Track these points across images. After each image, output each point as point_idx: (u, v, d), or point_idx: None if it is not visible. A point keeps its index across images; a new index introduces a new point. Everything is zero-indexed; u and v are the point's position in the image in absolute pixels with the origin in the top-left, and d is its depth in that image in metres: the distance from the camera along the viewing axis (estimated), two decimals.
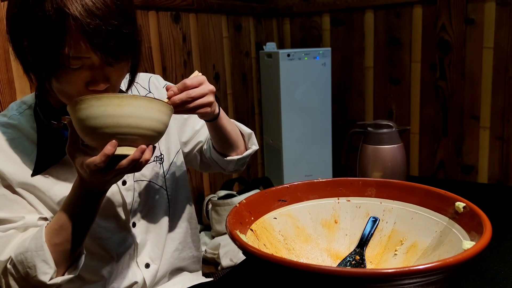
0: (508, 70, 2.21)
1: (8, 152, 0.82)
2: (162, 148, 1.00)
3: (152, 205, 0.97)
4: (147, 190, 0.96)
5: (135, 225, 0.94)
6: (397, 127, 1.14)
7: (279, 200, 0.79)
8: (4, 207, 0.81)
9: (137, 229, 0.94)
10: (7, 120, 0.85)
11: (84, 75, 0.73)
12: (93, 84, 0.74)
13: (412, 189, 0.77)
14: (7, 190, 0.81)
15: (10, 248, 0.78)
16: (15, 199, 0.82)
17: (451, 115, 2.40)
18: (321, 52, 2.54)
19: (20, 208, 0.82)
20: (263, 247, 0.71)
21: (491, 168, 2.34)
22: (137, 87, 1.01)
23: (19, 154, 0.82)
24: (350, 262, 0.75)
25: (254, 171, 2.87)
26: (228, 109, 2.57)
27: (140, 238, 0.94)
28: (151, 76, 1.05)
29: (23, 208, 0.82)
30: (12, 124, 0.84)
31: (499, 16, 2.19)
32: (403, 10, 2.47)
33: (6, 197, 0.81)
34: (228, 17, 2.52)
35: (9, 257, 0.77)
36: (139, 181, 0.95)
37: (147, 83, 1.03)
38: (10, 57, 1.49)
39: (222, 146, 1.01)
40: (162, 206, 0.99)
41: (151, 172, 0.97)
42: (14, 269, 0.77)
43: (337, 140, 2.75)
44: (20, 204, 0.82)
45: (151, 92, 1.02)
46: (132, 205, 0.93)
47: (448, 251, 0.65)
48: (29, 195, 0.83)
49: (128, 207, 0.92)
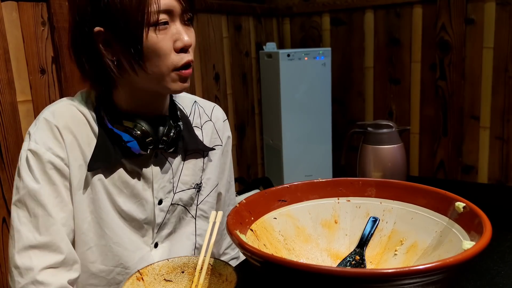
0: (508, 70, 2.21)
1: (76, 133, 0.82)
2: (203, 178, 0.97)
3: (179, 231, 0.95)
4: (179, 216, 0.94)
5: (157, 246, 0.93)
6: (397, 127, 1.14)
7: (279, 200, 0.79)
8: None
9: (158, 250, 0.92)
10: (75, 103, 0.85)
11: (170, 34, 0.77)
12: (180, 41, 0.77)
13: (412, 189, 0.77)
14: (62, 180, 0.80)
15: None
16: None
17: (451, 115, 2.40)
18: (321, 52, 2.54)
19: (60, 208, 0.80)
20: (263, 247, 0.71)
21: (491, 168, 2.34)
22: (200, 112, 0.99)
23: (83, 140, 0.83)
24: (350, 262, 0.75)
25: (254, 171, 2.87)
26: (228, 109, 2.57)
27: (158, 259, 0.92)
28: (215, 106, 1.03)
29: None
30: (79, 109, 0.84)
31: (499, 16, 2.19)
32: (403, 10, 2.47)
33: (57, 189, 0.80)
34: (228, 17, 2.52)
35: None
36: (175, 205, 0.93)
37: (210, 110, 1.02)
38: (10, 57, 1.49)
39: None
40: (188, 234, 0.97)
41: (188, 198, 0.95)
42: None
43: (337, 140, 2.74)
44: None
45: (212, 120, 1.01)
46: (161, 226, 0.92)
47: (448, 251, 0.65)
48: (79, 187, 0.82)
49: (156, 227, 0.91)
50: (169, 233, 0.94)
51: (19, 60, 1.52)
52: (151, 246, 0.92)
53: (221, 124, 1.02)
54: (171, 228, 0.94)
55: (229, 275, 0.71)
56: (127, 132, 0.82)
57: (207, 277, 0.73)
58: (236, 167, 2.68)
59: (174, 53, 0.78)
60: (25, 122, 1.54)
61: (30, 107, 1.56)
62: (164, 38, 0.76)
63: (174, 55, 0.78)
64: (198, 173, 0.96)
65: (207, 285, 0.73)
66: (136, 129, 0.82)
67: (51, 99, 1.62)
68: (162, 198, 0.90)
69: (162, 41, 0.76)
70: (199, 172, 0.96)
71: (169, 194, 0.91)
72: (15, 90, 1.51)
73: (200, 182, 0.97)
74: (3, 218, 1.50)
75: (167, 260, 0.75)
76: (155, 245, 0.92)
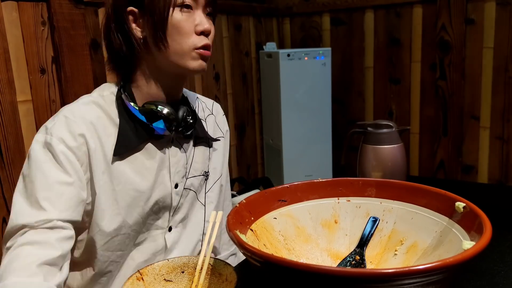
0: (508, 70, 2.21)
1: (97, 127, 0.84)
2: (209, 166, 1.02)
3: (191, 216, 0.99)
4: (191, 200, 0.98)
5: (170, 229, 0.96)
6: (397, 127, 1.14)
7: (279, 200, 0.79)
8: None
9: (171, 234, 0.96)
10: (92, 99, 0.87)
11: (192, 18, 0.86)
12: (200, 25, 0.86)
13: (412, 189, 0.77)
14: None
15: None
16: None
17: (451, 115, 2.40)
18: (321, 52, 2.54)
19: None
20: (263, 247, 0.71)
21: (491, 168, 2.34)
22: (203, 106, 1.06)
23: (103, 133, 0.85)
24: (350, 262, 0.75)
25: (254, 171, 2.87)
26: (228, 109, 2.57)
27: (170, 243, 0.95)
28: (214, 102, 1.10)
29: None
30: (97, 103, 0.87)
31: (499, 16, 2.19)
32: (403, 10, 2.47)
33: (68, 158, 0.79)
34: (228, 17, 2.52)
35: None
36: (188, 189, 0.97)
37: (210, 105, 1.08)
38: (10, 57, 1.49)
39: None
40: (198, 220, 1.00)
41: (198, 184, 0.99)
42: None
43: (337, 140, 2.74)
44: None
45: (213, 114, 1.07)
46: (176, 210, 0.95)
47: (448, 251, 0.65)
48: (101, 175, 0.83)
49: (172, 210, 0.94)
50: (183, 218, 0.97)
51: (19, 60, 1.52)
52: (166, 230, 0.95)
53: (221, 118, 1.09)
54: (185, 212, 0.97)
55: (229, 275, 0.71)
56: (151, 114, 0.86)
57: (207, 277, 0.73)
58: (236, 167, 2.68)
59: (195, 35, 0.86)
60: (25, 121, 1.54)
61: (30, 106, 1.56)
62: (187, 19, 0.85)
63: (195, 36, 0.86)
64: (206, 161, 1.01)
65: (207, 285, 0.73)
66: (164, 111, 0.86)
67: (51, 99, 1.62)
68: (178, 182, 0.94)
69: (185, 21, 0.85)
70: (206, 161, 1.02)
71: (183, 178, 0.95)
72: (15, 90, 1.51)
73: (208, 170, 1.02)
74: (3, 218, 1.50)
75: (167, 260, 0.75)
76: (169, 229, 0.95)
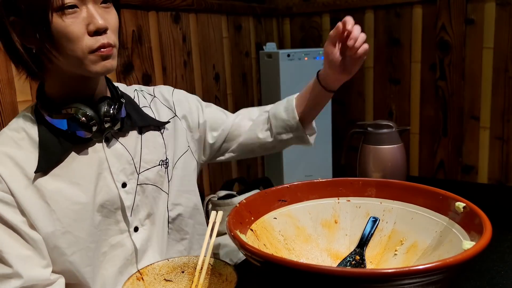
0: (508, 70, 2.21)
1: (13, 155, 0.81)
2: (168, 153, 0.98)
3: (156, 211, 0.95)
4: (152, 195, 0.94)
5: (137, 230, 0.92)
6: (397, 127, 1.14)
7: (279, 200, 0.79)
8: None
9: (139, 234, 0.92)
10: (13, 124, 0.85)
11: (81, 18, 0.75)
12: (92, 24, 0.75)
13: (412, 189, 0.77)
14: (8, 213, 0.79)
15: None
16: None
17: (451, 115, 2.40)
18: (321, 52, 2.54)
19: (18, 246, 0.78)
20: (263, 247, 0.71)
21: (491, 168, 2.34)
22: (142, 94, 1.01)
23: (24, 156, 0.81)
24: (350, 262, 0.75)
25: (254, 171, 2.87)
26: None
27: (140, 244, 0.92)
28: (156, 86, 1.07)
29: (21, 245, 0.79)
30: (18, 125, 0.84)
31: (499, 16, 2.19)
32: (403, 10, 2.47)
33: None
34: (228, 17, 2.52)
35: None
36: (143, 185, 0.93)
37: (151, 90, 1.04)
38: None
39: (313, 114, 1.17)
40: (165, 212, 0.97)
41: (155, 176, 0.95)
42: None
43: (337, 140, 2.74)
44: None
45: (156, 97, 1.03)
46: (133, 209, 0.91)
47: (448, 251, 0.65)
48: (32, 203, 0.80)
49: (128, 211, 0.90)
50: (147, 214, 0.94)
51: None
52: (130, 231, 0.91)
53: (167, 95, 1.04)
54: (148, 209, 0.94)
55: (229, 275, 0.71)
56: (68, 119, 0.81)
57: (207, 277, 0.73)
58: (236, 167, 2.68)
59: (88, 36, 0.76)
60: None
61: None
62: (74, 22, 0.75)
63: (88, 38, 0.76)
64: (160, 149, 0.97)
65: (207, 285, 0.73)
66: (77, 113, 0.81)
67: None
68: (125, 180, 0.90)
69: (72, 25, 0.75)
70: (161, 149, 0.97)
71: (132, 175, 0.91)
72: (15, 90, 1.51)
73: (166, 158, 0.97)
74: None
75: (167, 260, 0.75)
76: (135, 229, 0.92)
